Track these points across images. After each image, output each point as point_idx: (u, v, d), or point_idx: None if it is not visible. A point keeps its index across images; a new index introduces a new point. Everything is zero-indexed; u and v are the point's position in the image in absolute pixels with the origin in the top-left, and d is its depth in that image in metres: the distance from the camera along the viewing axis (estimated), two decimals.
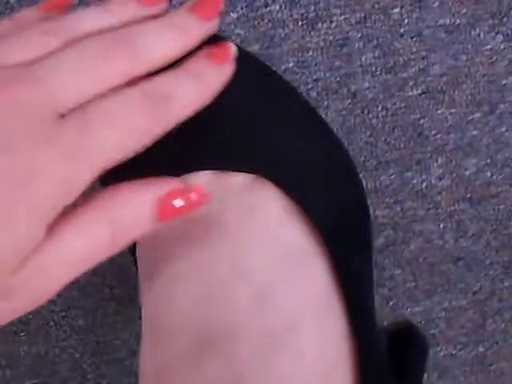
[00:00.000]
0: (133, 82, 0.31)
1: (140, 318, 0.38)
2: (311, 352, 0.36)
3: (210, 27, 0.33)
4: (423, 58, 0.50)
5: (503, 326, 0.60)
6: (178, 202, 0.32)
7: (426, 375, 0.59)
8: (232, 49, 0.34)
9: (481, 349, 0.60)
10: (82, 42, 0.31)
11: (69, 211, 0.30)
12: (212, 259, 0.36)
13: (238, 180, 0.37)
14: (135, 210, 0.31)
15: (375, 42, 0.49)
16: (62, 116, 0.29)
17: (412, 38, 0.49)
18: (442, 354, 0.59)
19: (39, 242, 0.28)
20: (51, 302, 0.54)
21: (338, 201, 0.41)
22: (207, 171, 0.37)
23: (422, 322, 0.57)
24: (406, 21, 0.49)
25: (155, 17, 0.33)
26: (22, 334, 0.54)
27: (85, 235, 0.30)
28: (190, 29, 0.33)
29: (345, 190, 0.42)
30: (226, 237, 0.36)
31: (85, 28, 0.32)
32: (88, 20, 0.32)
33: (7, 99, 0.28)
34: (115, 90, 0.30)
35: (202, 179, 0.37)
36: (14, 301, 0.29)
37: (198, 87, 0.32)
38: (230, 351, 0.34)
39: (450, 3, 0.49)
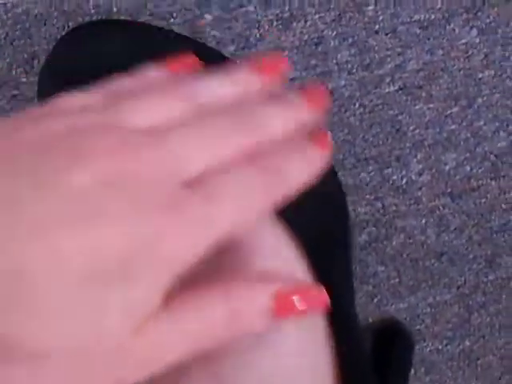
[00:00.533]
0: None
1: None
2: (293, 353, 0.37)
3: (319, 112, 0.35)
4: (399, 55, 0.50)
5: (489, 319, 0.60)
6: (297, 300, 0.33)
7: (412, 371, 0.59)
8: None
9: (467, 343, 0.61)
10: (208, 112, 0.32)
11: (188, 289, 0.31)
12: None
13: None
14: (252, 304, 0.32)
15: (350, 39, 0.49)
16: (185, 185, 0.30)
17: (387, 34, 0.50)
18: (428, 349, 0.59)
19: (155, 308, 0.29)
20: None
21: (319, 215, 0.42)
22: None
23: (407, 319, 0.58)
24: (381, 18, 0.49)
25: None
26: None
27: (200, 315, 0.31)
28: (307, 112, 0.35)
29: (325, 203, 0.44)
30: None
31: (210, 95, 0.33)
32: (214, 88, 0.33)
33: (139, 164, 0.29)
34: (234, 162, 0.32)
35: None
36: (127, 366, 0.30)
37: (309, 168, 0.34)
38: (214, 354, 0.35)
39: None
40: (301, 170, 0.33)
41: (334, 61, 0.49)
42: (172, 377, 0.34)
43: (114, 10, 0.49)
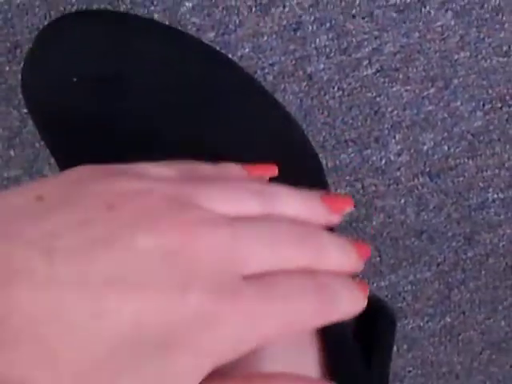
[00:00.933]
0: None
1: None
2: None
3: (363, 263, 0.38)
4: (376, 38, 0.51)
5: (468, 295, 0.61)
6: None
7: (395, 348, 0.60)
8: None
9: (448, 319, 0.62)
10: (280, 220, 0.34)
11: (227, 375, 0.32)
12: None
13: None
14: None
15: (328, 24, 0.50)
16: (243, 277, 0.31)
17: (364, 18, 0.50)
18: (410, 326, 0.60)
19: None
20: None
21: (301, 175, 0.43)
22: None
23: (389, 296, 0.59)
24: (358, 2, 0.50)
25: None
26: None
27: None
28: (357, 254, 0.37)
29: (306, 165, 0.45)
30: None
31: (285, 209, 0.35)
32: (288, 202, 0.35)
33: (206, 246, 0.29)
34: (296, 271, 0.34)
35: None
36: None
37: (354, 306, 0.35)
38: None
39: None
40: (350, 304, 0.35)
41: (313, 45, 0.50)
42: None
43: None
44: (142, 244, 0.28)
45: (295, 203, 0.36)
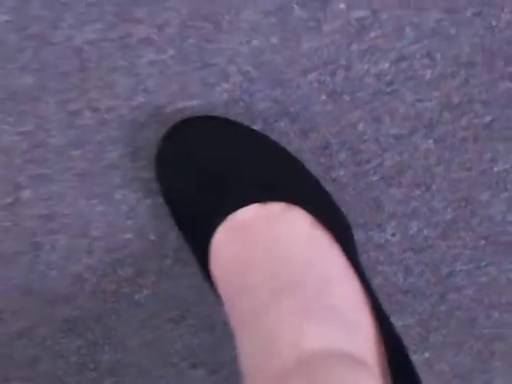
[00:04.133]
0: None
1: None
2: (343, 294, 0.54)
3: None
4: (379, 156, 0.69)
5: (442, 338, 0.72)
6: None
7: None
8: None
9: (426, 354, 0.73)
10: None
11: None
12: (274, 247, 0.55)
13: (277, 207, 0.57)
14: None
15: (347, 145, 0.68)
16: None
17: (372, 142, 0.67)
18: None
19: None
20: None
21: (337, 213, 0.59)
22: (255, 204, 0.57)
23: None
24: (368, 131, 0.67)
25: None
26: None
27: None
28: None
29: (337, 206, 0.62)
30: (281, 239, 0.55)
31: None
32: None
33: None
34: None
35: (251, 209, 0.56)
36: None
37: None
38: (297, 293, 0.52)
39: None
40: None
41: (337, 159, 0.68)
42: None
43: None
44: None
45: None
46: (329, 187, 0.68)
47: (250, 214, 0.56)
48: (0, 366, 0.73)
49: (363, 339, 0.51)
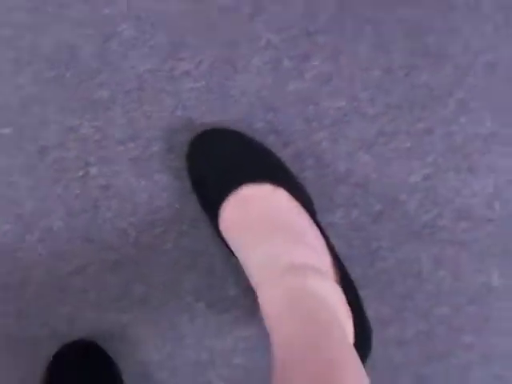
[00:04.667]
0: None
1: None
2: (314, 236, 0.80)
3: None
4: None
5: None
6: None
7: None
8: None
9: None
10: None
11: None
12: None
13: (267, 187, 0.84)
14: None
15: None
16: None
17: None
18: None
19: None
20: None
21: (305, 194, 0.86)
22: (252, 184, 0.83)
23: None
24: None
25: None
26: None
27: None
28: None
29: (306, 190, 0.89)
30: (270, 208, 0.82)
31: None
32: None
33: None
34: None
35: (250, 188, 0.82)
36: None
37: None
38: (287, 232, 0.76)
39: None
40: None
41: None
42: None
43: None
44: None
45: None
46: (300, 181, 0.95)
47: (248, 191, 0.81)
48: (53, 295, 0.95)
49: (327, 262, 0.79)
